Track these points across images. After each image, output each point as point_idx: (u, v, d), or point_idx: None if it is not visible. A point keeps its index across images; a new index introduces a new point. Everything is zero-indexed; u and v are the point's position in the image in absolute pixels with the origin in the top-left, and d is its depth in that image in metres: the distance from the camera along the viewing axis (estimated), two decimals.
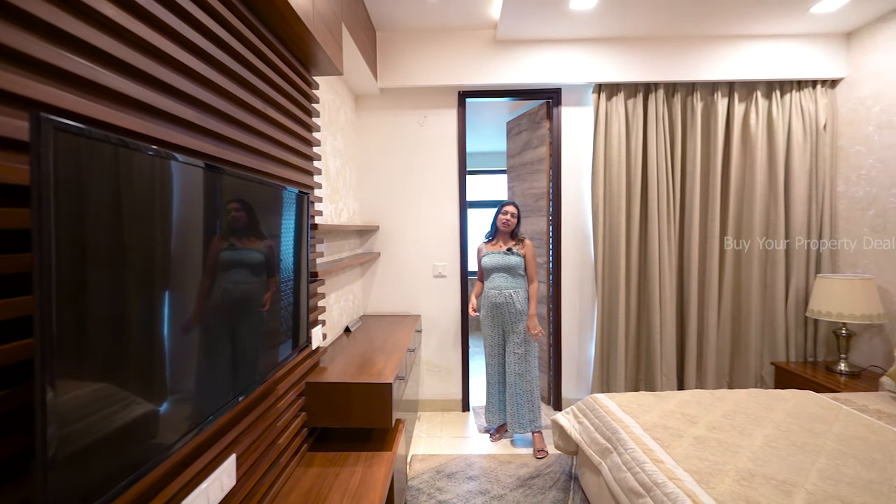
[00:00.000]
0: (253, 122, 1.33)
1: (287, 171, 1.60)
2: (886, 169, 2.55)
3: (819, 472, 1.42)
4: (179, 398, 0.86)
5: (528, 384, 2.58)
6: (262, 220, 1.22)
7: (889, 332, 2.53)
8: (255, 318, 1.20)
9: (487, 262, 2.64)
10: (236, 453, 1.20)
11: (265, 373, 1.25)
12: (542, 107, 3.17)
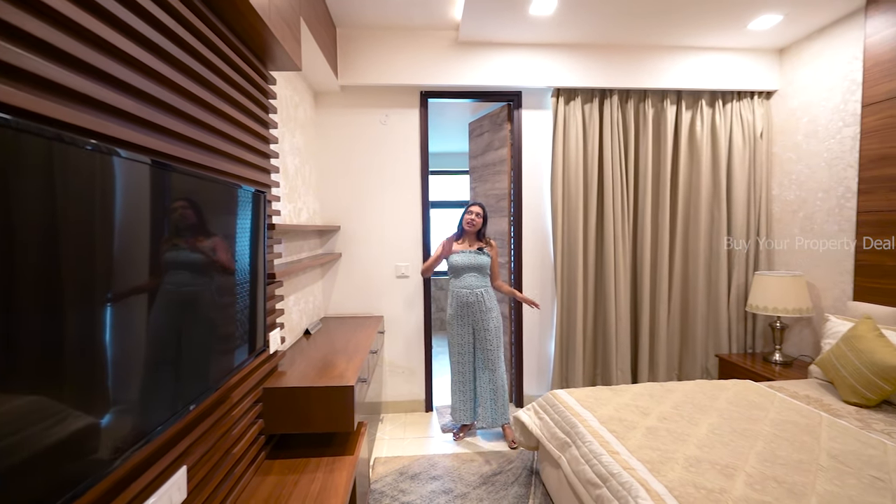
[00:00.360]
0: (205, 117, 1.27)
1: (242, 168, 1.54)
2: (813, 175, 2.78)
3: (757, 455, 1.53)
4: (122, 409, 0.81)
5: (500, 379, 2.65)
6: (214, 220, 1.17)
7: (816, 324, 2.76)
8: (207, 323, 1.14)
9: (459, 260, 2.65)
10: (187, 465, 1.14)
11: (218, 380, 1.20)
12: (504, 109, 3.23)
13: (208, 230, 1.13)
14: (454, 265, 2.67)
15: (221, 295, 1.22)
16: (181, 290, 1.01)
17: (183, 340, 1.03)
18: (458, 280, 2.67)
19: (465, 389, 2.71)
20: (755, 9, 2.48)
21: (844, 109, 2.57)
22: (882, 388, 1.94)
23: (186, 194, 1.02)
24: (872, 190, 2.40)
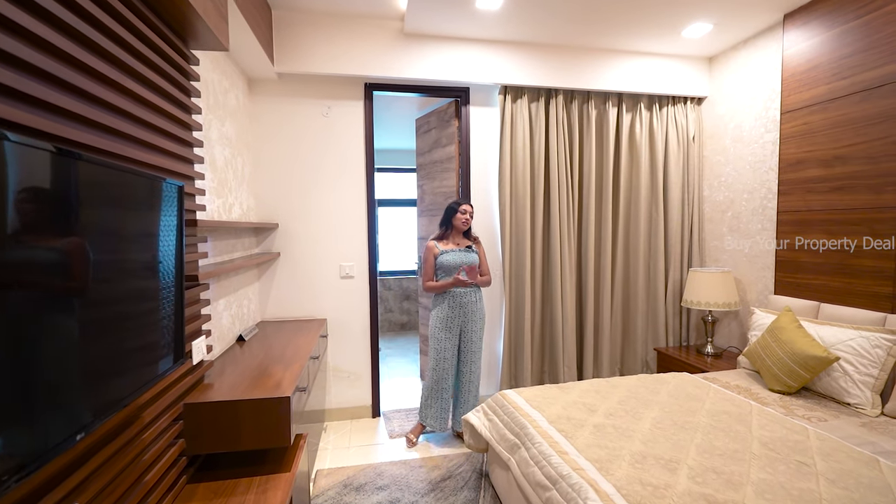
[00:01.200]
0: (110, 96, 1.09)
1: (157, 156, 1.34)
2: (739, 177, 2.97)
3: (697, 447, 1.58)
4: None
5: (479, 379, 2.68)
6: (116, 214, 0.99)
7: (743, 316, 2.95)
8: (104, 334, 0.97)
9: (451, 259, 2.53)
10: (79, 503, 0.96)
11: (119, 401, 1.02)
12: (451, 105, 3.17)
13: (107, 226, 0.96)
14: (447, 265, 2.54)
15: (123, 301, 1.04)
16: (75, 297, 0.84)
17: (68, 356, 0.86)
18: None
19: (443, 397, 2.58)
20: (688, 16, 2.59)
21: (766, 116, 2.76)
22: (802, 376, 2.09)
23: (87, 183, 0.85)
24: (790, 191, 2.59)
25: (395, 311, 5.74)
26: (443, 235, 2.63)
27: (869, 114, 2.18)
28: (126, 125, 1.18)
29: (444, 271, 2.56)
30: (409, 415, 3.04)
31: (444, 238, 2.63)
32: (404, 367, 4.22)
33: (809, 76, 2.46)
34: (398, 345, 5.06)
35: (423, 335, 3.74)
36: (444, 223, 2.63)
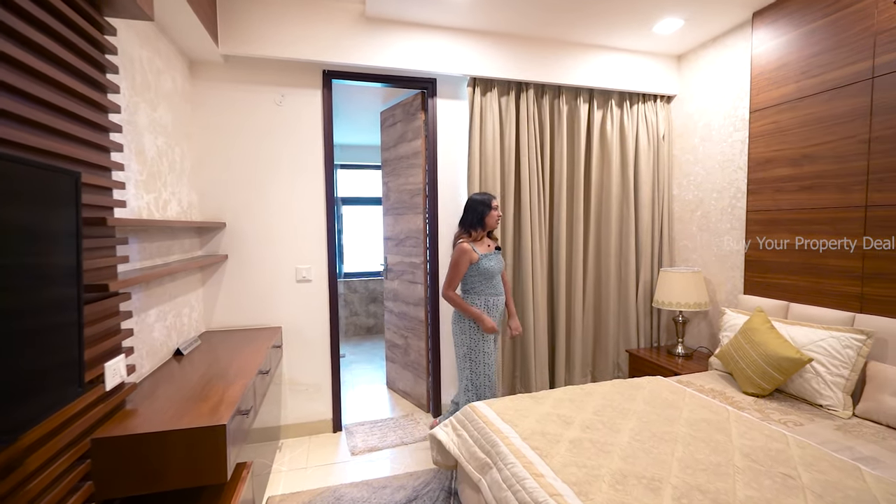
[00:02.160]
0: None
1: (53, 141, 1.10)
2: (708, 176, 2.94)
3: (679, 461, 1.47)
4: None
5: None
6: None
7: (712, 317, 2.93)
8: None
9: (492, 265, 2.26)
10: None
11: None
12: (417, 97, 2.99)
13: None
14: (490, 270, 2.25)
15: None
16: None
17: None
18: (492, 287, 2.29)
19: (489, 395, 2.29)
20: (661, 9, 2.53)
21: (735, 115, 2.74)
22: (775, 378, 2.05)
23: None
24: (759, 190, 2.57)
25: (360, 314, 5.50)
26: (474, 237, 2.30)
27: (837, 113, 2.17)
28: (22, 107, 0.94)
29: (484, 278, 2.26)
30: (373, 428, 2.85)
31: (477, 240, 2.30)
32: (370, 374, 4.01)
33: (778, 75, 2.44)
34: (364, 350, 4.83)
35: (390, 341, 3.54)
36: (476, 223, 2.26)
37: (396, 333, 3.43)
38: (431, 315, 2.98)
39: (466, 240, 2.28)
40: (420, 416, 3.03)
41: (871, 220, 2.04)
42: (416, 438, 2.70)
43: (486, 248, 2.32)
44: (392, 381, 3.55)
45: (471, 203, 2.32)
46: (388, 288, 3.52)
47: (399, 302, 3.36)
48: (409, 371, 3.29)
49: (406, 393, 3.34)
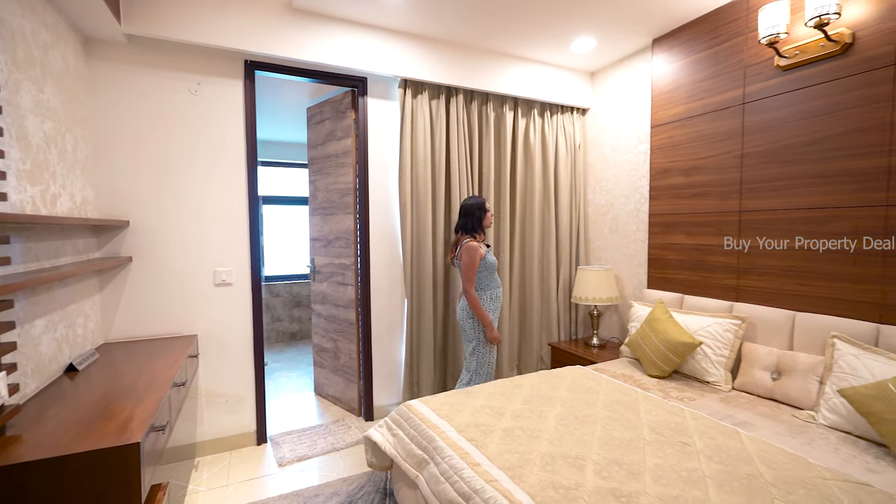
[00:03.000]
0: None
1: None
2: (618, 182, 3.26)
3: (598, 440, 1.62)
4: None
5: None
6: None
7: (622, 309, 3.25)
8: None
9: (494, 260, 2.56)
10: None
11: None
12: (347, 95, 2.94)
13: None
14: (492, 265, 2.54)
15: None
16: None
17: None
18: (495, 280, 2.58)
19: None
20: (577, 30, 2.75)
21: (639, 129, 3.07)
22: (673, 361, 2.33)
23: None
24: (659, 196, 2.91)
25: (284, 319, 5.22)
26: (476, 237, 2.54)
27: (717, 131, 2.53)
28: None
29: (489, 272, 2.55)
30: (301, 436, 2.73)
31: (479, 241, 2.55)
32: (295, 381, 3.83)
33: (673, 95, 2.79)
34: (288, 357, 4.60)
35: (318, 345, 3.42)
36: (476, 226, 2.53)
37: (325, 337, 3.32)
38: (363, 316, 2.94)
39: (471, 238, 2.51)
40: (352, 420, 2.97)
41: (744, 223, 2.41)
42: (348, 443, 2.64)
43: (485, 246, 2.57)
44: (321, 387, 3.43)
45: (467, 209, 2.54)
46: (316, 290, 3.40)
47: (328, 304, 3.26)
48: (339, 375, 3.21)
49: (336, 398, 3.25)
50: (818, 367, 1.96)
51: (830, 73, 2.02)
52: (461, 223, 2.56)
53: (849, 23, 1.95)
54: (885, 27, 1.84)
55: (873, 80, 1.88)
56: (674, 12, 2.56)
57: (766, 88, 2.28)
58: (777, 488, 1.32)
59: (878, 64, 1.87)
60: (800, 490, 1.31)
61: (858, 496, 1.29)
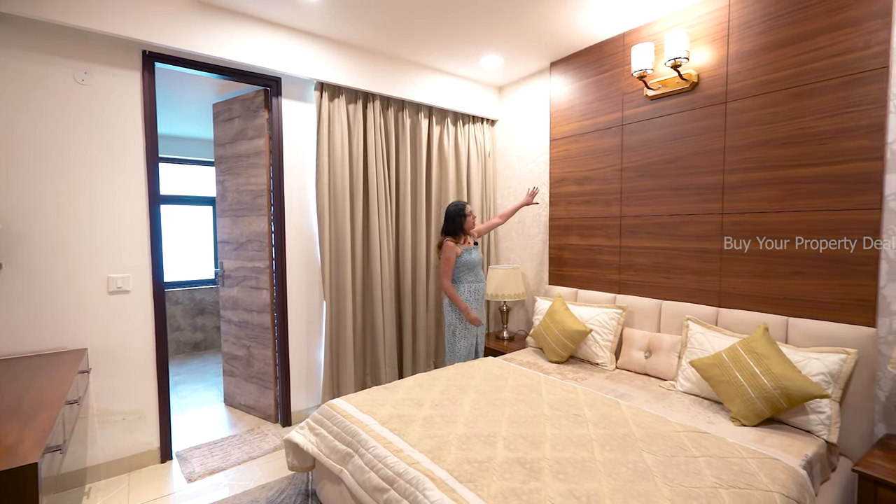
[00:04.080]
0: None
1: None
2: (523, 188, 3.59)
3: (507, 419, 1.83)
4: None
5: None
6: None
7: (527, 304, 3.59)
8: None
9: (473, 258, 2.85)
10: None
11: None
12: (260, 94, 2.86)
13: None
14: (471, 262, 2.84)
15: None
16: None
17: None
18: (474, 275, 2.88)
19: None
20: (485, 48, 2.99)
21: (540, 141, 3.42)
22: (570, 347, 2.67)
23: None
24: (557, 202, 3.27)
25: (185, 328, 4.82)
26: (456, 239, 2.84)
27: (603, 147, 2.94)
28: None
29: (467, 269, 2.84)
30: (212, 449, 2.60)
31: (458, 241, 2.85)
32: (202, 393, 3.59)
33: (568, 114, 3.17)
34: (192, 369, 4.27)
35: (229, 353, 3.26)
36: (457, 229, 2.82)
37: (236, 344, 3.18)
38: (279, 321, 2.88)
39: (451, 239, 2.84)
40: (268, 427, 2.90)
41: (623, 226, 2.83)
42: (265, 450, 2.58)
43: (466, 245, 2.89)
44: (232, 397, 3.27)
45: (448, 214, 2.86)
46: (226, 296, 3.24)
47: (239, 310, 3.13)
48: (252, 383, 3.10)
49: (250, 407, 3.13)
50: (677, 344, 2.40)
51: (683, 106, 2.49)
52: (444, 227, 2.89)
53: (696, 66, 2.42)
54: (718, 73, 2.33)
55: (711, 113, 2.36)
56: (566, 41, 2.92)
57: (638, 113, 2.72)
58: (644, 442, 1.63)
59: (714, 101, 2.35)
60: (659, 442, 1.63)
61: (699, 441, 1.64)
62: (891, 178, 1.81)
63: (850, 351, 1.82)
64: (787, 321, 2.07)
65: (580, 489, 1.35)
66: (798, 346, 2.00)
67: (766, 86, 2.14)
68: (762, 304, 2.19)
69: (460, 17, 2.56)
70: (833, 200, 1.95)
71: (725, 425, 1.87)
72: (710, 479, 1.41)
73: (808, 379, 1.79)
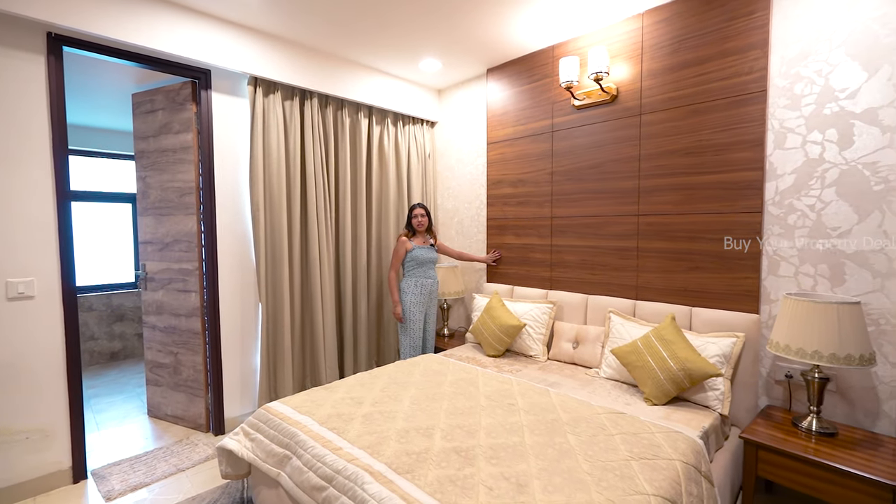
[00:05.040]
0: None
1: None
2: (462, 190, 3.70)
3: (445, 412, 1.91)
4: None
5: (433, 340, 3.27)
6: None
7: (467, 302, 3.70)
8: None
9: (422, 255, 3.07)
10: None
11: None
12: (187, 86, 2.71)
13: None
14: (419, 259, 3.06)
15: None
16: None
17: None
18: (422, 270, 3.09)
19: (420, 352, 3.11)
20: (423, 51, 3.05)
21: (479, 144, 3.55)
22: (505, 341, 2.81)
23: None
24: (494, 203, 3.42)
25: (101, 337, 4.41)
26: (411, 234, 3.13)
27: (536, 152, 3.12)
28: None
29: (416, 264, 3.08)
30: (135, 464, 2.44)
31: (413, 236, 3.13)
32: (121, 406, 3.33)
33: (503, 119, 3.31)
34: (109, 380, 3.93)
35: (153, 361, 3.05)
36: (407, 225, 3.17)
37: (162, 351, 2.98)
38: (210, 325, 2.75)
39: (405, 234, 3.12)
40: (199, 437, 2.75)
41: (554, 226, 3.03)
42: (195, 461, 2.46)
43: (420, 243, 3.13)
44: (157, 408, 3.06)
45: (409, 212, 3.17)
46: (149, 300, 3.02)
47: (165, 315, 2.94)
48: (181, 392, 2.92)
49: (178, 417, 2.95)
50: (601, 335, 2.61)
51: (605, 116, 2.71)
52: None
53: (615, 80, 2.65)
54: (634, 87, 2.57)
55: (628, 124, 2.60)
56: (501, 49, 3.05)
57: (567, 121, 2.92)
58: (569, 425, 1.78)
59: (630, 113, 2.59)
60: (583, 424, 1.79)
61: (616, 421, 1.82)
62: (770, 185, 2.11)
63: (739, 335, 2.10)
64: (691, 310, 2.34)
65: (511, 471, 1.45)
66: (699, 332, 2.27)
67: (672, 101, 2.40)
68: (671, 296, 2.45)
69: (397, 18, 2.60)
70: (724, 204, 2.24)
71: (640, 406, 2.08)
72: (624, 453, 1.57)
73: (707, 361, 2.04)
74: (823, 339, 1.68)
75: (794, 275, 2.06)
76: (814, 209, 1.99)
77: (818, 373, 1.81)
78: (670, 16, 2.40)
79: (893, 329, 1.82)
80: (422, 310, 3.10)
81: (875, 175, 1.84)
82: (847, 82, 1.90)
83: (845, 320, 1.66)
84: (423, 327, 3.17)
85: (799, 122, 2.02)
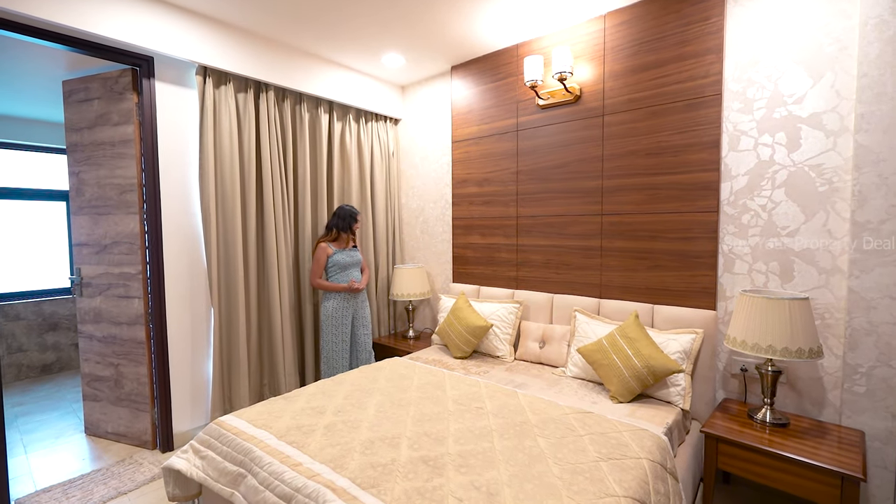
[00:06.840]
0: None
1: None
2: (427, 189, 3.64)
3: (412, 418, 1.84)
4: None
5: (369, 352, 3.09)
6: None
7: (433, 302, 3.64)
8: None
9: (344, 259, 2.94)
10: None
11: None
12: (127, 74, 2.49)
13: None
14: (341, 263, 2.93)
15: None
16: None
17: None
18: (346, 274, 2.96)
19: (339, 365, 2.93)
20: (386, 45, 2.96)
21: (443, 143, 3.49)
22: (472, 342, 2.77)
23: None
24: (459, 202, 3.37)
25: (30, 349, 4.02)
26: (334, 238, 2.95)
27: (501, 151, 3.10)
28: None
29: (338, 268, 2.93)
30: (69, 490, 2.21)
31: (335, 240, 2.96)
32: (54, 424, 3.03)
33: (468, 117, 3.28)
34: (40, 396, 3.58)
35: (91, 374, 2.79)
36: (341, 228, 2.95)
37: (101, 363, 2.73)
38: (156, 332, 2.54)
39: (325, 239, 2.95)
40: (144, 455, 2.54)
41: (520, 226, 3.02)
42: (139, 482, 2.26)
43: (341, 247, 2.97)
44: (96, 425, 2.81)
45: (343, 213, 2.96)
46: (86, 307, 2.76)
47: (104, 323, 2.69)
48: (123, 407, 2.69)
49: (120, 434, 2.71)
50: (567, 334, 2.63)
51: (569, 116, 2.73)
52: (331, 222, 2.98)
53: (579, 80, 2.67)
54: (597, 88, 2.60)
55: (591, 124, 2.63)
56: (465, 46, 3.01)
57: (531, 121, 2.91)
58: (538, 427, 1.76)
59: (594, 114, 2.62)
60: (552, 425, 1.77)
61: (584, 420, 1.82)
62: (725, 186, 2.18)
63: (698, 331, 2.16)
64: (653, 308, 2.39)
65: (481, 480, 1.41)
66: (661, 329, 2.32)
67: (633, 103, 2.45)
68: (634, 294, 2.50)
69: (358, 10, 2.49)
70: (683, 204, 2.30)
71: (606, 404, 2.10)
72: (593, 454, 1.57)
73: (669, 357, 2.09)
74: (777, 333, 1.75)
75: (747, 272, 2.14)
76: (765, 209, 2.08)
77: (771, 366, 1.88)
78: (631, 18, 2.44)
79: (837, 322, 1.93)
80: (347, 317, 2.95)
81: (820, 177, 1.94)
82: (794, 88, 1.99)
83: (796, 315, 1.74)
84: (352, 333, 3.02)
85: (751, 125, 2.10)
